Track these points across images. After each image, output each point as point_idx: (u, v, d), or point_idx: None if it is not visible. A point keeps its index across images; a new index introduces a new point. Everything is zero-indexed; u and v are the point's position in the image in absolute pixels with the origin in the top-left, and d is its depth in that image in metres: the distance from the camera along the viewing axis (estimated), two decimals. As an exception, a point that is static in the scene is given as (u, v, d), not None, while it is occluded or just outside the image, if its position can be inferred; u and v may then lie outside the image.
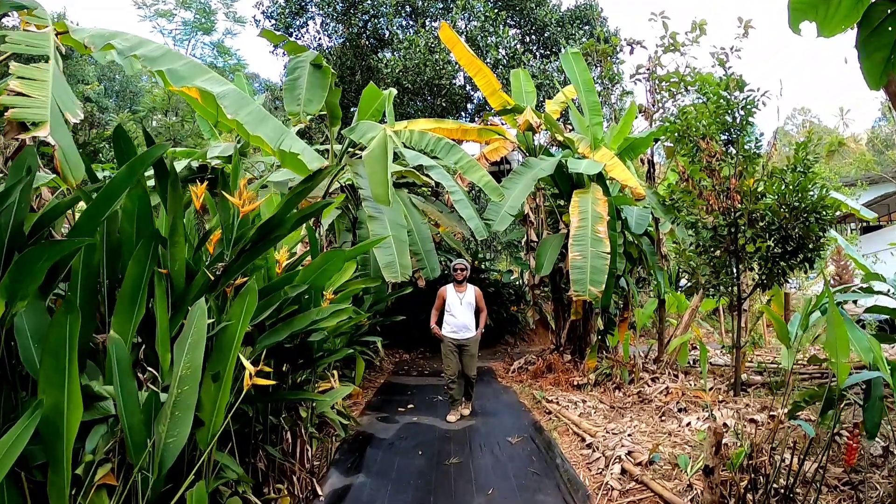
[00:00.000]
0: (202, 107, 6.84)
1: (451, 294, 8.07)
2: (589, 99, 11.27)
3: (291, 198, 3.36)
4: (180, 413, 2.63)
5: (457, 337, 7.91)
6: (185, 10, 34.51)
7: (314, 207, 3.48)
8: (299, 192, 3.40)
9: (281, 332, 3.90)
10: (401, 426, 7.43)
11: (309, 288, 4.18)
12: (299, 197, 3.41)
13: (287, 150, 6.01)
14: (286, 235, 3.47)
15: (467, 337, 7.93)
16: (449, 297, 8.07)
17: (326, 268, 4.19)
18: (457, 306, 7.98)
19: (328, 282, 5.79)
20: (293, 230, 3.44)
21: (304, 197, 3.53)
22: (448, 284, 8.22)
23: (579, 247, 8.75)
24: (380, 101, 9.25)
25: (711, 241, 7.82)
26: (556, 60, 17.65)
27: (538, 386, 9.82)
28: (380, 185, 6.89)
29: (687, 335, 9.26)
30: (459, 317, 7.94)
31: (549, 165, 10.01)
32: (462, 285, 8.13)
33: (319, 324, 4.30)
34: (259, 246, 3.37)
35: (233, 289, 3.58)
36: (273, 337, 3.86)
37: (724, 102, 7.72)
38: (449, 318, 8.02)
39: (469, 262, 8.10)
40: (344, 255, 4.20)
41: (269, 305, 3.81)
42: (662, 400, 7.65)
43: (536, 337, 17.41)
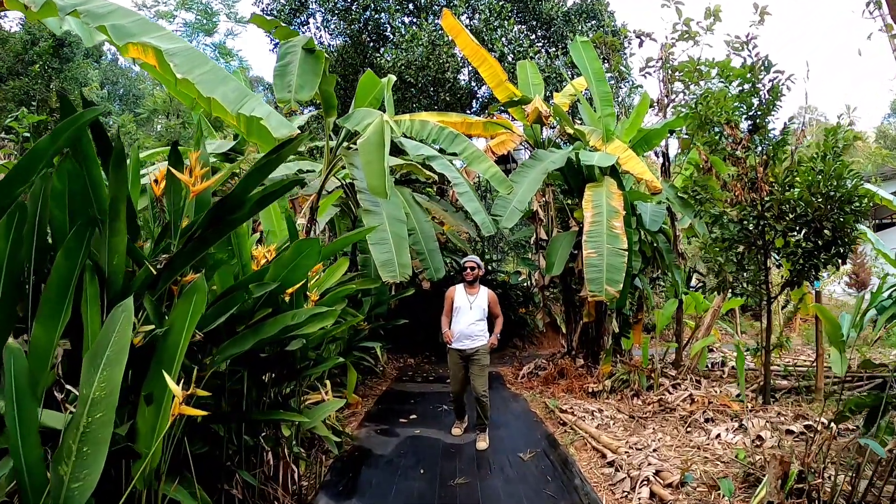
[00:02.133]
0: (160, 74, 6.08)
1: (461, 296, 6.97)
2: (600, 88, 10.65)
3: (252, 173, 2.77)
4: (90, 449, 2.02)
5: (461, 347, 6.81)
6: (185, 11, 34.10)
7: (280, 185, 2.88)
8: (263, 165, 2.80)
9: (246, 340, 3.30)
10: (401, 440, 6.81)
11: (280, 286, 3.57)
12: (262, 173, 2.82)
13: (247, 115, 5.13)
14: (246, 219, 2.87)
15: (475, 346, 6.78)
16: (457, 300, 6.96)
17: (299, 262, 3.54)
18: (465, 311, 6.85)
19: (317, 281, 5.22)
20: (254, 213, 2.84)
21: (269, 172, 2.92)
22: (458, 285, 7.13)
23: (594, 243, 8.13)
24: (378, 90, 8.64)
25: (737, 236, 7.19)
26: (563, 55, 17.08)
27: (550, 393, 9.19)
28: (376, 175, 6.29)
29: (710, 338, 8.62)
30: (466, 323, 6.80)
31: (559, 158, 9.39)
32: (474, 286, 7.02)
33: (300, 329, 3.70)
34: (212, 233, 2.76)
35: (179, 287, 2.98)
36: (235, 347, 3.26)
37: (750, 85, 7.11)
38: (455, 323, 6.88)
39: (481, 263, 7.13)
40: (318, 246, 3.58)
41: (226, 308, 3.19)
42: (686, 409, 7.02)
43: (546, 340, 16.83)
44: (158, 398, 2.48)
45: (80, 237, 2.64)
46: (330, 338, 6.65)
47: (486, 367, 6.86)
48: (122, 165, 2.87)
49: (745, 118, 7.35)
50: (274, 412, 4.00)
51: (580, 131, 9.87)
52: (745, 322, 16.56)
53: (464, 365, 6.87)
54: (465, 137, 8.16)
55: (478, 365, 6.79)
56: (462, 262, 7.21)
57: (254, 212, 2.83)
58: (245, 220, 2.88)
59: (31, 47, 22.66)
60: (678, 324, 9.97)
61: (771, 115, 7.21)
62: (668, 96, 11.15)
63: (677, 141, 11.07)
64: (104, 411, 2.05)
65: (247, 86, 12.56)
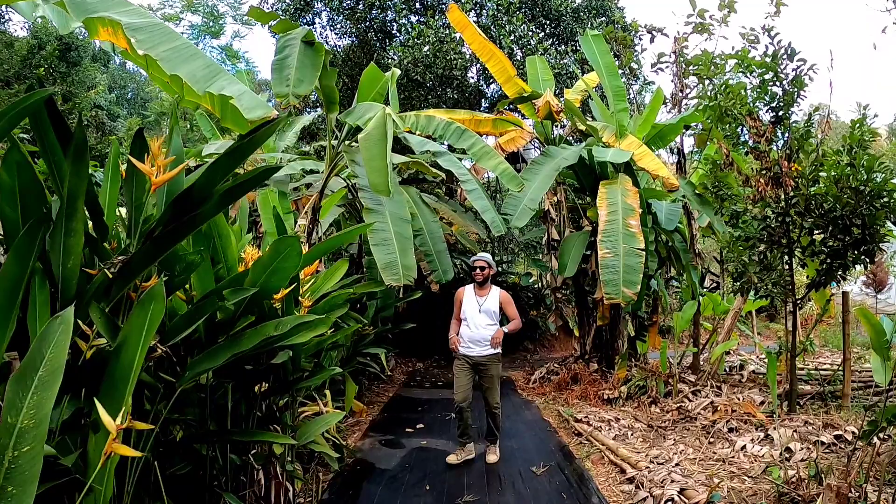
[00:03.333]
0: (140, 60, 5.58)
1: (469, 298, 6.31)
2: (612, 83, 10.27)
3: (220, 161, 2.43)
4: (16, 489, 1.67)
5: (470, 353, 6.16)
6: (192, 13, 33.89)
7: (254, 173, 2.53)
8: (233, 152, 2.46)
9: (220, 354, 2.95)
10: (407, 452, 6.45)
11: (260, 292, 3.22)
12: (233, 160, 2.47)
13: (216, 94, 4.62)
14: (213, 214, 2.52)
15: (485, 354, 6.11)
16: (465, 302, 6.30)
17: (278, 265, 3.18)
18: (473, 314, 6.19)
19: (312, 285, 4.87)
20: (223, 207, 2.50)
21: (243, 160, 2.58)
22: (467, 286, 6.49)
23: (609, 243, 7.74)
24: (382, 84, 8.26)
25: (761, 234, 6.81)
26: (572, 53, 16.70)
27: (563, 400, 8.81)
28: (378, 172, 5.94)
29: (732, 341, 8.22)
30: (476, 328, 6.14)
31: (572, 154, 9.01)
32: (484, 287, 6.33)
33: (289, 339, 3.35)
34: (173, 231, 2.41)
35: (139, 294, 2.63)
36: (209, 361, 2.91)
37: (772, 74, 6.72)
38: (463, 328, 6.25)
39: (493, 262, 6.49)
40: (298, 246, 3.18)
41: (197, 316, 2.85)
42: (708, 417, 6.63)
43: (558, 343, 16.47)
44: (102, 425, 2.15)
45: (31, 237, 2.33)
46: (329, 345, 6.32)
47: (497, 377, 6.23)
48: (83, 158, 2.54)
49: (767, 109, 6.98)
50: (258, 433, 3.64)
51: (592, 127, 9.50)
52: (759, 323, 16.13)
53: (472, 373, 6.21)
54: (473, 133, 7.80)
55: (488, 375, 6.16)
56: (471, 261, 6.57)
57: (222, 205, 2.48)
58: (212, 216, 2.53)
59: (38, 52, 22.52)
60: (695, 326, 9.59)
61: (794, 106, 6.83)
62: (682, 91, 10.78)
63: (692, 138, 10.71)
64: (32, 444, 1.70)
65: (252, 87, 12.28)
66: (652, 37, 12.68)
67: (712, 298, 9.16)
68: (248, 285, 3.14)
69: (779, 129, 6.86)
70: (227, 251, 3.61)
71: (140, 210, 2.74)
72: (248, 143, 2.49)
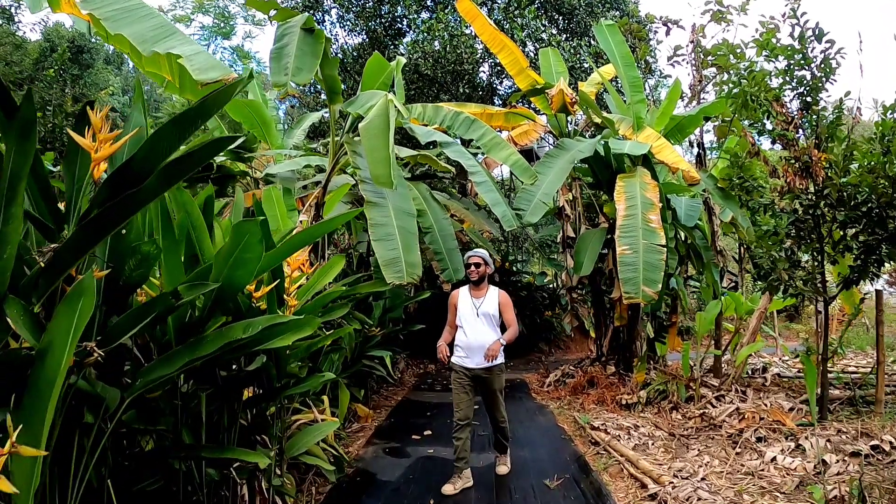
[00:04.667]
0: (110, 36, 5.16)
1: (464, 300, 5.53)
2: (629, 74, 9.84)
3: (165, 128, 2.07)
4: None
5: (468, 365, 5.37)
6: (203, 14, 33.86)
7: (205, 141, 2.16)
8: (182, 117, 2.10)
9: (175, 360, 2.58)
10: (412, 462, 6.07)
11: (224, 288, 2.86)
12: (183, 128, 2.11)
13: (162, 53, 4.18)
14: (155, 195, 2.15)
15: (485, 366, 5.29)
16: (460, 306, 5.53)
17: (240, 255, 2.80)
18: (470, 318, 5.41)
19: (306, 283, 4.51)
20: (169, 184, 2.13)
21: (193, 128, 2.20)
22: (462, 287, 5.73)
23: (628, 239, 7.32)
24: (387, 73, 7.90)
25: (789, 228, 6.39)
26: (586, 48, 16.29)
27: (579, 405, 8.39)
28: (380, 162, 5.59)
29: (758, 343, 7.77)
30: (473, 334, 5.35)
31: (587, 147, 8.60)
32: (479, 287, 5.53)
33: (268, 343, 2.99)
34: (110, 212, 2.04)
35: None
36: (164, 367, 2.55)
37: (800, 56, 6.30)
38: (459, 334, 5.49)
39: (490, 256, 5.69)
40: (259, 232, 2.77)
41: (144, 315, 2.49)
42: (734, 426, 6.21)
43: (573, 344, 16.09)
44: (35, 434, 1.82)
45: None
46: (328, 347, 5.97)
47: (501, 390, 5.48)
48: (29, 136, 2.19)
49: (794, 96, 6.55)
50: (229, 449, 3.24)
51: (609, 120, 9.10)
52: (779, 324, 15.62)
53: (472, 386, 5.41)
54: (482, 123, 7.42)
55: (490, 389, 5.41)
56: (465, 258, 5.72)
57: (167, 182, 2.09)
58: (155, 194, 2.13)
59: (50, 54, 22.46)
60: (717, 327, 9.14)
61: (823, 92, 6.40)
62: (701, 82, 10.36)
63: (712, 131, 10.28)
64: None
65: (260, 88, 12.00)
66: (668, 29, 12.26)
67: (734, 298, 8.73)
68: (213, 280, 2.78)
69: (807, 116, 6.44)
70: (203, 244, 3.26)
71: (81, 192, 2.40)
72: (200, 109, 2.13)
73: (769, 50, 6.55)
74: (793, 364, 10.22)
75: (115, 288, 2.60)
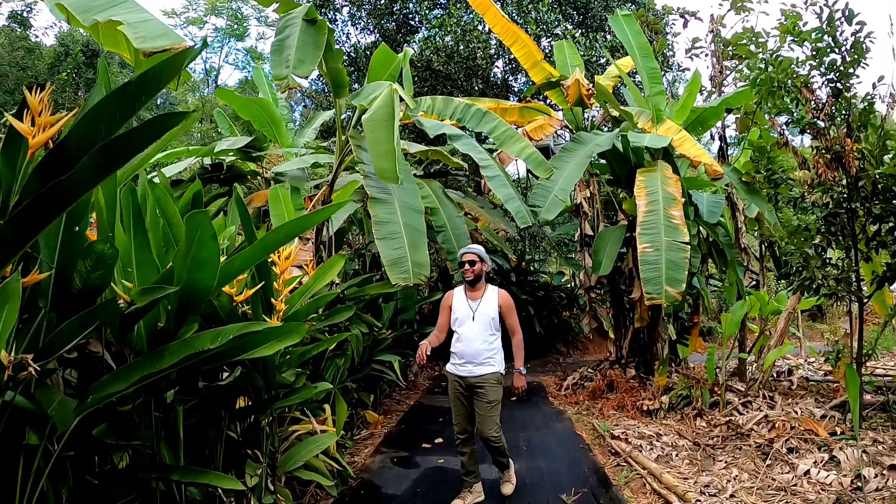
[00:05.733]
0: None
1: (459, 302, 4.94)
2: (647, 65, 9.46)
3: (103, 103, 1.78)
4: None
5: (461, 374, 4.82)
6: (216, 16, 33.85)
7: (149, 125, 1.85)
8: (123, 91, 1.80)
9: (130, 374, 2.29)
10: (421, 473, 5.74)
11: (187, 293, 2.55)
12: (125, 104, 1.81)
13: (102, 22, 3.72)
14: (94, 180, 1.85)
15: (479, 374, 4.75)
16: (455, 308, 4.95)
17: (196, 255, 2.44)
18: (465, 322, 4.83)
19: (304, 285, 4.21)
20: (107, 169, 1.83)
21: (138, 104, 1.89)
22: (457, 287, 5.14)
23: (650, 236, 6.95)
24: (395, 65, 7.57)
25: (819, 223, 6.01)
26: (602, 41, 15.92)
27: (598, 410, 8.02)
28: (384, 156, 5.29)
29: (786, 346, 7.36)
30: (469, 341, 4.78)
31: (605, 140, 8.23)
32: (476, 287, 4.93)
33: (250, 352, 2.69)
34: (41, 203, 1.74)
35: None
36: (117, 383, 2.26)
37: (830, 39, 5.91)
38: (454, 340, 4.91)
39: (485, 255, 5.00)
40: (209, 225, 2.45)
41: (88, 322, 2.19)
42: (763, 435, 5.82)
43: (591, 345, 15.69)
44: None
45: None
46: (331, 353, 5.68)
47: (494, 403, 4.78)
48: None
49: (823, 82, 6.16)
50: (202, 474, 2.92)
51: (627, 112, 8.72)
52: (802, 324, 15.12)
53: (466, 396, 4.87)
54: (495, 116, 7.10)
55: (483, 401, 4.75)
56: (458, 254, 5.19)
57: (105, 167, 1.79)
58: (92, 182, 1.83)
59: (64, 59, 22.50)
60: (742, 328, 8.73)
61: (854, 77, 6.00)
62: (722, 73, 9.99)
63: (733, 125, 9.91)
64: None
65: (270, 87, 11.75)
66: (685, 21, 11.95)
67: (759, 297, 8.31)
68: (177, 283, 2.48)
69: (837, 103, 6.05)
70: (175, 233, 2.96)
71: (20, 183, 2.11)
72: (143, 82, 1.83)
73: (795, 35, 6.17)
74: (818, 366, 9.75)
75: (68, 292, 2.32)
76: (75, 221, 2.21)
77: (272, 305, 3.55)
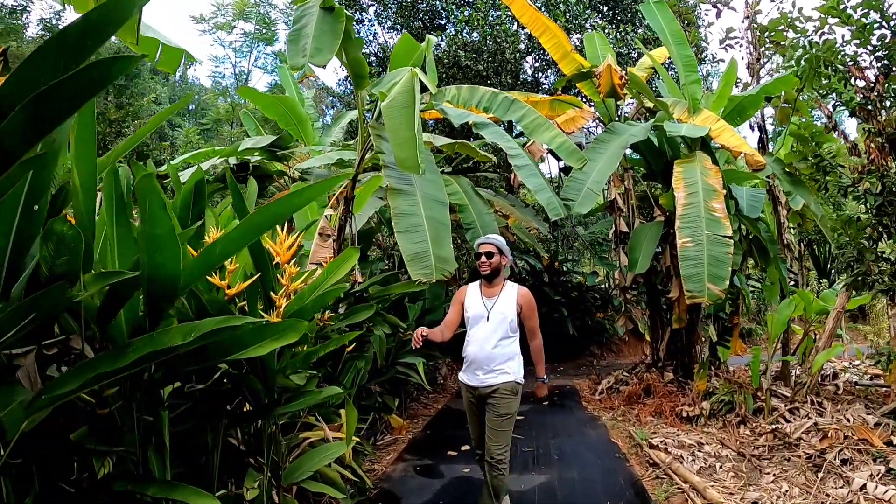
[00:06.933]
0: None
1: (473, 299, 4.31)
2: (681, 52, 9.03)
3: (43, 49, 1.49)
4: None
5: (471, 383, 4.22)
6: (244, 21, 34.09)
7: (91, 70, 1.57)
8: (64, 35, 1.52)
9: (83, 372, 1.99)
10: (445, 483, 5.41)
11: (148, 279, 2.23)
12: (68, 51, 1.53)
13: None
14: (28, 142, 1.56)
15: (492, 384, 4.12)
16: (468, 305, 4.31)
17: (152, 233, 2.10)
18: (479, 322, 4.21)
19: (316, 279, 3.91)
20: (42, 129, 1.54)
21: (83, 52, 1.59)
22: (471, 283, 4.48)
23: (690, 230, 6.56)
24: (417, 55, 7.26)
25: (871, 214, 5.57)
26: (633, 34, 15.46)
27: (635, 416, 7.60)
28: (404, 144, 4.99)
29: (836, 348, 6.88)
30: (480, 344, 4.16)
31: (640, 131, 7.82)
32: (493, 283, 4.29)
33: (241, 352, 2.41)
34: None
35: None
36: (69, 383, 1.97)
37: (878, 14, 5.48)
38: (465, 343, 4.31)
39: (505, 246, 4.38)
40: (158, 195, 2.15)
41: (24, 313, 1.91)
42: (813, 445, 5.37)
43: (626, 348, 15.29)
44: None
45: None
46: (351, 354, 5.39)
47: (506, 418, 4.13)
48: None
49: (871, 60, 5.72)
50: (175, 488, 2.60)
51: (662, 103, 8.32)
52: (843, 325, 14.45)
53: (479, 408, 4.28)
54: (524, 104, 6.74)
55: (493, 414, 4.12)
56: (476, 244, 4.47)
57: (37, 126, 1.51)
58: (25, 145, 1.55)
59: (96, 68, 22.81)
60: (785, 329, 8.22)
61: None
62: (759, 60, 9.52)
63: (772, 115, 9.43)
64: None
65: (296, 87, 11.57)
66: (718, 11, 11.48)
67: (804, 296, 7.81)
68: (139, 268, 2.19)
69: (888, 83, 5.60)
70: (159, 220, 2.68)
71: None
72: (86, 25, 1.54)
73: (838, 15, 5.73)
74: (865, 369, 9.17)
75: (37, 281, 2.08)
76: (34, 200, 1.95)
77: (272, 300, 3.26)
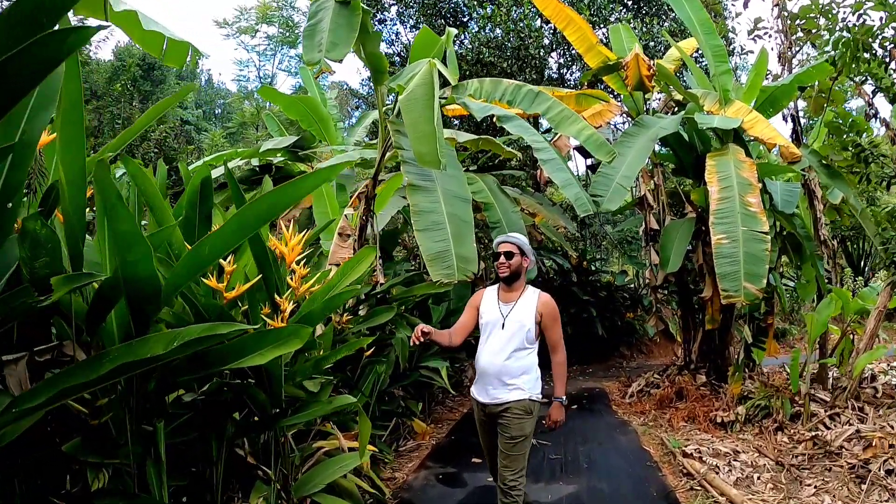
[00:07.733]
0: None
1: (489, 304, 3.86)
2: (710, 42, 8.71)
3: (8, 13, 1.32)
4: None
5: (481, 399, 3.77)
6: (267, 25, 34.42)
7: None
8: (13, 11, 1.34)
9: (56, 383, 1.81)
10: (468, 493, 5.19)
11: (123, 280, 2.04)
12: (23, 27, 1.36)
13: None
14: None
15: (502, 401, 3.65)
16: (483, 310, 3.86)
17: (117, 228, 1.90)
18: (493, 330, 3.75)
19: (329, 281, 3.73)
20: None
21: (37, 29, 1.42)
22: (488, 287, 4.05)
23: (725, 226, 6.30)
24: (437, 48, 7.05)
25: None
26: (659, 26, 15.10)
27: (667, 421, 7.30)
28: (423, 138, 4.78)
29: (879, 349, 6.52)
30: (492, 355, 3.69)
31: (670, 123, 7.56)
32: (511, 288, 3.82)
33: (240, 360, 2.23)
34: None
35: None
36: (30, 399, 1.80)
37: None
38: (477, 354, 3.87)
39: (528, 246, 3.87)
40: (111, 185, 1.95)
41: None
42: (857, 454, 5.05)
43: (657, 348, 14.96)
44: None
45: None
46: (369, 358, 5.21)
47: (519, 440, 3.61)
48: None
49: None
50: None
51: (692, 95, 8.02)
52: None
53: (490, 426, 3.79)
54: (549, 96, 6.50)
55: (507, 435, 3.62)
56: (494, 243, 3.96)
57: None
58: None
59: (122, 72, 23.10)
60: (824, 330, 7.84)
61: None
62: (791, 48, 9.15)
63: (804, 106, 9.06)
64: None
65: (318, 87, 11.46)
66: (746, 1, 11.14)
67: (842, 295, 7.42)
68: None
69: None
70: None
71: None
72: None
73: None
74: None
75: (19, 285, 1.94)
76: (7, 197, 1.79)
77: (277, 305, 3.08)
